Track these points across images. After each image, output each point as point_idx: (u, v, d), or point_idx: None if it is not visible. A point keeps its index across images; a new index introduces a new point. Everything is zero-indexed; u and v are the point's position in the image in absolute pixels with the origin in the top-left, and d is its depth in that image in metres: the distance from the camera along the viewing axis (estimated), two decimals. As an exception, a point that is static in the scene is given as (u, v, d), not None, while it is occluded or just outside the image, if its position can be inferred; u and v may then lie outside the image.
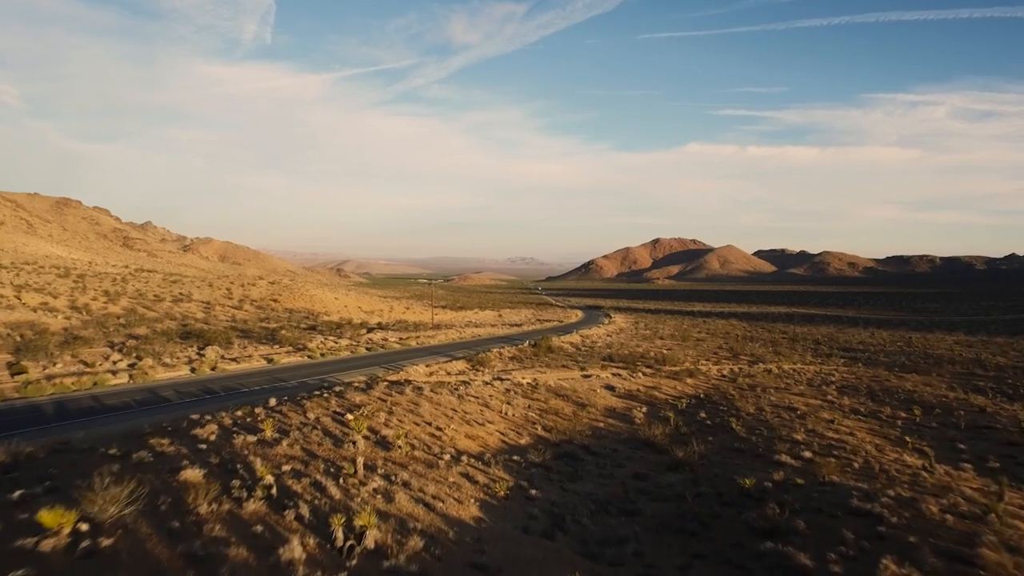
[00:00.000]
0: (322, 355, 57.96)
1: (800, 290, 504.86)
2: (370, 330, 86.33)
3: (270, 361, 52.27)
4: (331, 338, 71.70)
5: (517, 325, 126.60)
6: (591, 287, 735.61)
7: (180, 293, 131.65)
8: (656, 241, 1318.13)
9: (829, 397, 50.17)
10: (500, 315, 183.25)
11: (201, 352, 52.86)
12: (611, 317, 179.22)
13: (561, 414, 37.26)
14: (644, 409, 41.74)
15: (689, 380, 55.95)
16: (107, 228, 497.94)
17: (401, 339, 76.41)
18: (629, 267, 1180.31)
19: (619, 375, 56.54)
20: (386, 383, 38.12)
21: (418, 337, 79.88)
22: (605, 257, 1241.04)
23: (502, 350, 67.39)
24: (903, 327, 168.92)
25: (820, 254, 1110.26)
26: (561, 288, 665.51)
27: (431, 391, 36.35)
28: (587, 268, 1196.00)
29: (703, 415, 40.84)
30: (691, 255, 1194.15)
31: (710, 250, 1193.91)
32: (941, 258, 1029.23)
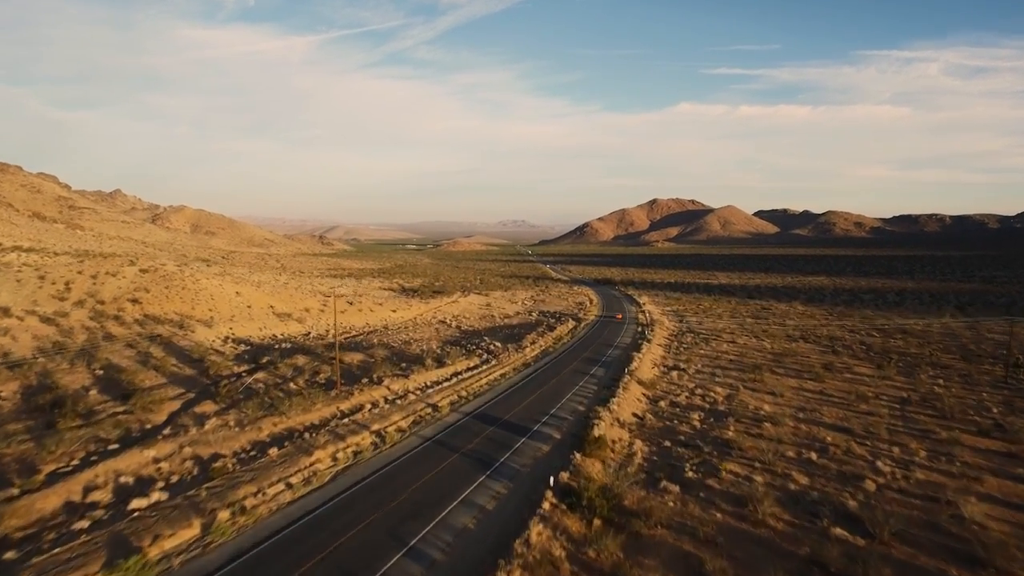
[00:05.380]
0: None
1: (822, 254, 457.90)
2: (138, 441, 38.27)
3: None
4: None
5: (516, 339, 79.23)
6: (588, 252, 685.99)
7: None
8: (653, 202, 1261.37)
9: None
10: (489, 303, 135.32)
11: None
12: (640, 306, 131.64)
13: None
14: None
15: None
16: (49, 196, 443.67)
17: (179, 476, 28.42)
18: (626, 229, 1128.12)
19: None
20: None
21: (259, 459, 31.37)
22: (600, 219, 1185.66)
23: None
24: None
25: (825, 214, 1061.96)
26: (557, 254, 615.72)
27: None
28: (582, 231, 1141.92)
29: None
30: (690, 216, 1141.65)
31: (710, 211, 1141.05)
32: (951, 217, 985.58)
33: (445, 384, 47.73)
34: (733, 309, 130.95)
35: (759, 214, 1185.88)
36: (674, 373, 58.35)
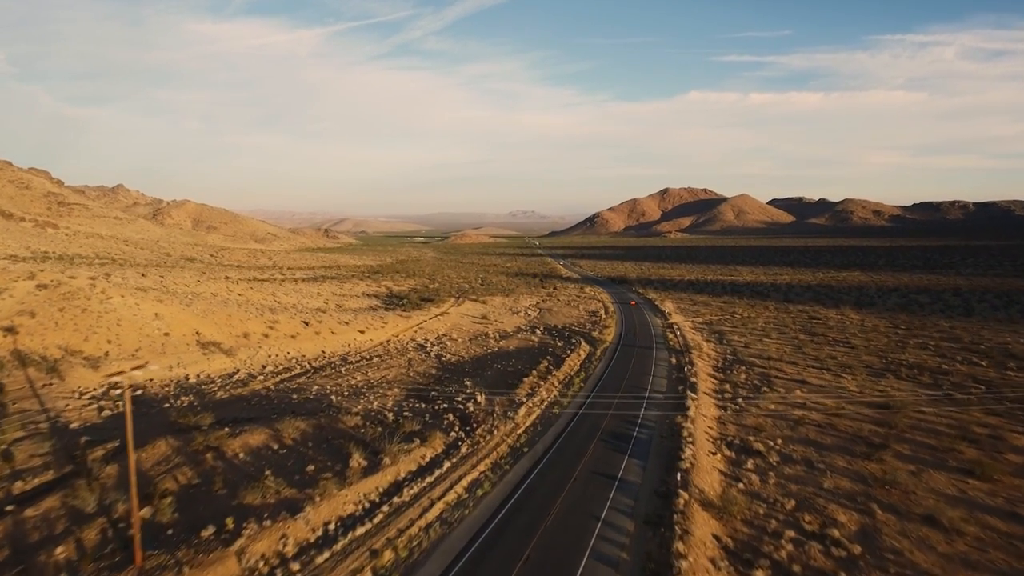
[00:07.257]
0: None
1: (845, 245, 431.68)
2: None
3: None
4: None
5: (510, 383, 58.37)
6: (599, 243, 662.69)
7: None
8: (665, 191, 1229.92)
9: None
10: (485, 315, 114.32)
11: None
12: (667, 317, 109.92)
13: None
14: None
15: None
16: (38, 192, 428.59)
17: None
18: (637, 220, 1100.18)
19: None
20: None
21: None
22: (611, 209, 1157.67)
23: None
24: None
25: (842, 202, 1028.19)
26: (567, 246, 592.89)
27: None
28: (592, 221, 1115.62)
29: None
30: (703, 206, 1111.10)
31: (723, 200, 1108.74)
32: (974, 204, 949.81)
33: (363, 526, 26.67)
34: (776, 319, 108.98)
35: (774, 203, 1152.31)
36: (749, 465, 37.01)
